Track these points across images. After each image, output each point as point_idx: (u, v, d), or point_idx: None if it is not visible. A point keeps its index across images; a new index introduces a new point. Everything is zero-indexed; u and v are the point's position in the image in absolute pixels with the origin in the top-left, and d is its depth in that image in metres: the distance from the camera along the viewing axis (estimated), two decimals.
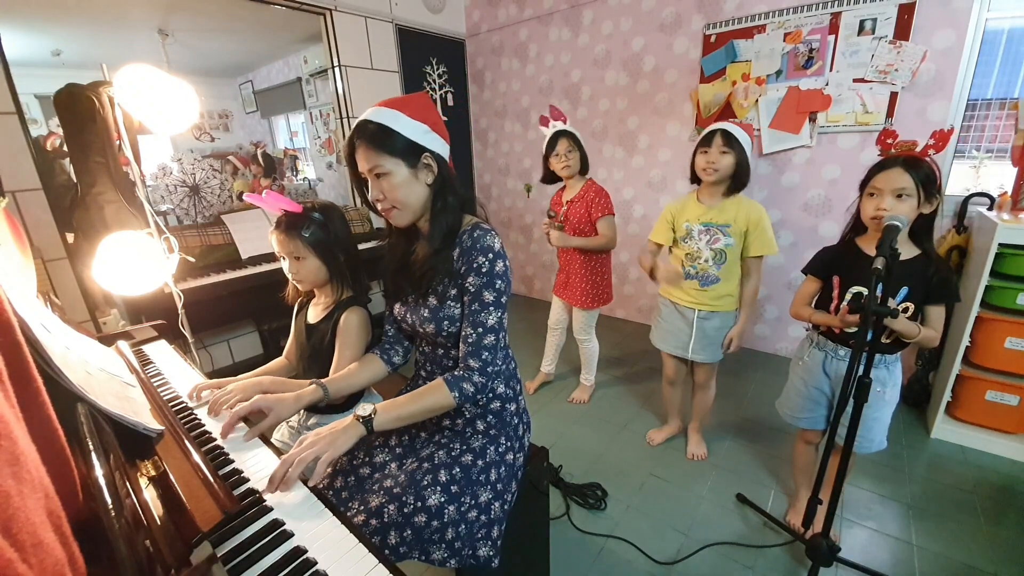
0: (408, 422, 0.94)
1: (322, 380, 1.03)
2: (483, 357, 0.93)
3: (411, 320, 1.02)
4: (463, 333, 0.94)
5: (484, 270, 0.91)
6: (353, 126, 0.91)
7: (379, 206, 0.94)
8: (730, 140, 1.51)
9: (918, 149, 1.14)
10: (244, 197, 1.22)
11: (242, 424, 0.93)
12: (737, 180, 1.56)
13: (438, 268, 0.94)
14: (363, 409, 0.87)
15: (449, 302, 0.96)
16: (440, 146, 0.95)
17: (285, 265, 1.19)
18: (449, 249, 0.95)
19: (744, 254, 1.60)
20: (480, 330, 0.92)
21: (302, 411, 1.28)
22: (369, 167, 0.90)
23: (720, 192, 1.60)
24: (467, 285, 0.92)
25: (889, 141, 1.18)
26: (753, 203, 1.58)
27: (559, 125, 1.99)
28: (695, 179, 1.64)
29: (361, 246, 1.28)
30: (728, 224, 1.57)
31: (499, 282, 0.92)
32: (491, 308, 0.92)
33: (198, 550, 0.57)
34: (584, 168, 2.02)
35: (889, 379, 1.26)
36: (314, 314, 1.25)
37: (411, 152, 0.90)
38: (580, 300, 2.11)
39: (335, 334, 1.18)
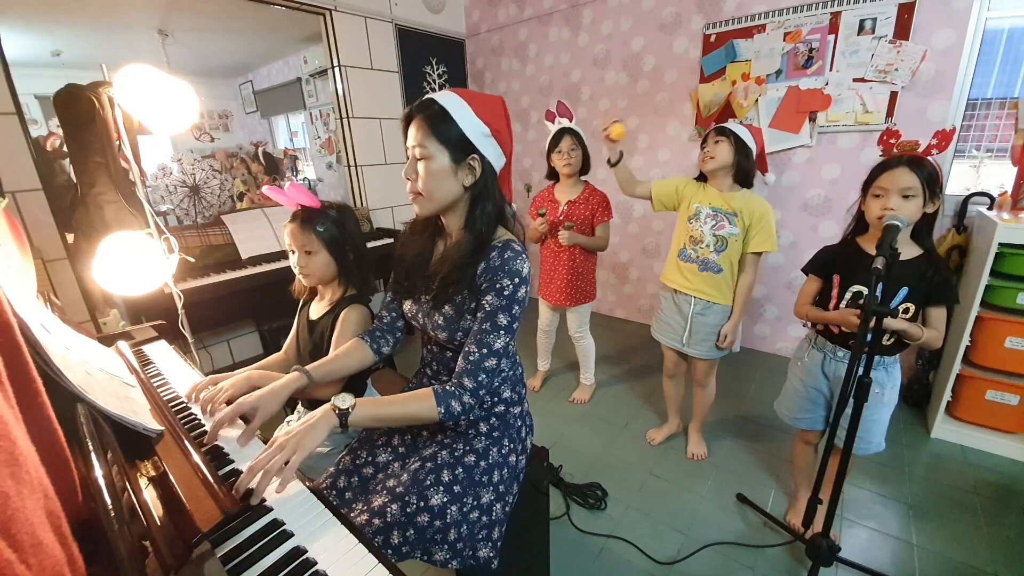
0: (386, 424, 0.92)
1: (306, 367, 1.00)
2: (479, 379, 0.90)
3: (422, 322, 1.00)
4: (466, 348, 0.91)
5: (506, 293, 0.88)
6: (420, 100, 0.89)
7: (408, 185, 0.91)
8: (723, 131, 1.55)
9: (920, 149, 1.14)
10: (264, 190, 1.21)
11: (240, 423, 0.92)
12: (741, 171, 1.58)
13: (464, 281, 0.91)
14: (343, 400, 0.83)
15: (467, 315, 0.93)
16: (495, 154, 0.91)
17: (293, 259, 1.19)
18: (477, 263, 0.91)
19: (744, 248, 1.61)
20: (485, 351, 0.89)
21: (300, 408, 1.28)
22: (414, 144, 0.87)
23: (728, 183, 1.61)
24: (484, 303, 0.89)
25: (892, 141, 1.18)
26: (761, 200, 1.59)
27: (564, 122, 1.98)
28: (700, 178, 1.69)
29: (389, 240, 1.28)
30: (735, 213, 1.58)
31: (516, 308, 0.89)
32: (501, 331, 0.89)
33: (198, 550, 0.57)
34: (585, 169, 2.03)
35: (888, 381, 1.26)
36: (316, 310, 1.26)
37: (460, 147, 0.87)
38: (574, 298, 2.13)
39: (334, 329, 1.18)
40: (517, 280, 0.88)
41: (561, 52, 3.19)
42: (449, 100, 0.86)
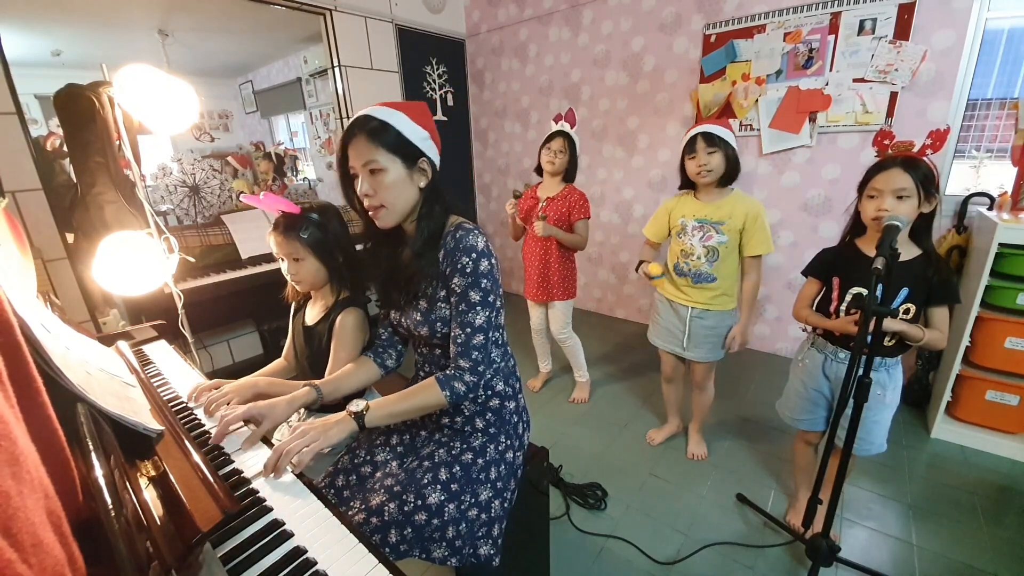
0: (400, 419, 0.95)
1: (316, 382, 1.03)
2: (473, 357, 0.92)
3: (405, 324, 1.02)
4: (452, 334, 0.94)
5: (468, 270, 0.90)
6: (352, 119, 0.90)
7: (366, 202, 0.92)
8: (712, 139, 1.51)
9: (915, 149, 1.14)
10: (241, 198, 1.21)
11: (243, 427, 0.93)
12: (728, 174, 1.56)
13: (424, 271, 0.94)
14: (355, 405, 0.88)
15: (439, 304, 0.95)
16: (435, 155, 0.95)
17: (284, 266, 1.19)
18: (434, 251, 0.94)
19: (742, 253, 1.59)
20: (468, 330, 0.92)
21: (302, 411, 1.28)
22: (364, 161, 0.88)
23: (715, 189, 1.60)
24: (453, 286, 0.92)
25: (886, 142, 1.18)
26: (751, 200, 1.57)
27: (565, 127, 2.03)
28: (685, 184, 1.65)
29: (360, 246, 1.27)
30: (723, 221, 1.56)
31: (484, 281, 0.91)
32: (478, 308, 0.91)
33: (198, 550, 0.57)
34: (569, 176, 2.07)
35: (889, 382, 1.26)
36: (312, 315, 1.25)
37: (409, 154, 0.90)
38: (550, 293, 2.15)
39: (332, 335, 1.17)
40: (474, 255, 0.90)
41: (561, 52, 3.19)
42: (386, 112, 0.88)
